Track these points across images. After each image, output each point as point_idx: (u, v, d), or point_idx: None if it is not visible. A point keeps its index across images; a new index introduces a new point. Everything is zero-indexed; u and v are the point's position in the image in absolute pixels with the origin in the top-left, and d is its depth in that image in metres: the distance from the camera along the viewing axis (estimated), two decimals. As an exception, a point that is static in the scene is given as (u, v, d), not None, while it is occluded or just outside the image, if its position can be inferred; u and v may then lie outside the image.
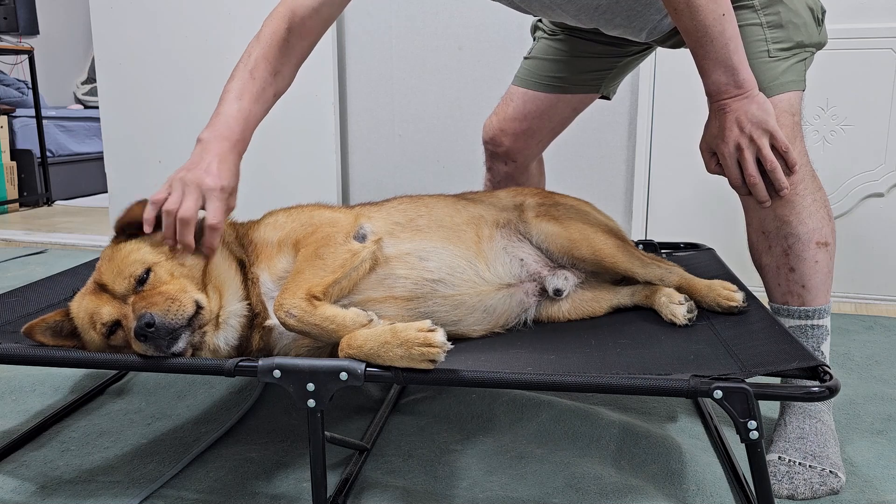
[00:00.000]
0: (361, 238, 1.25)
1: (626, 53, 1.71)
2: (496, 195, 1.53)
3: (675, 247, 1.94)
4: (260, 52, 1.36)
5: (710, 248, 1.90)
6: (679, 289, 1.37)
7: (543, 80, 1.77)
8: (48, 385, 1.77)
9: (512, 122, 1.82)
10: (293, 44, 1.39)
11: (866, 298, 2.51)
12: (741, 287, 1.38)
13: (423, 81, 2.98)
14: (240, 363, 1.07)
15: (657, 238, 2.20)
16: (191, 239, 1.18)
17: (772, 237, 1.38)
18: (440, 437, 1.50)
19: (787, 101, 1.35)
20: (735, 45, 1.24)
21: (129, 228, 1.23)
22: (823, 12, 1.44)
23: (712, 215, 2.56)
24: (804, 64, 1.41)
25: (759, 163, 1.30)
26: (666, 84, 2.59)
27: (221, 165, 1.23)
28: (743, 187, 1.34)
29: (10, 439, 1.48)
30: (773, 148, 1.29)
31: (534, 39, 1.83)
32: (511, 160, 1.86)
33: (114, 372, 1.79)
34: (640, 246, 1.74)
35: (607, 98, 1.84)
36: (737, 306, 1.32)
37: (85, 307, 1.16)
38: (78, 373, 1.83)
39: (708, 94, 1.30)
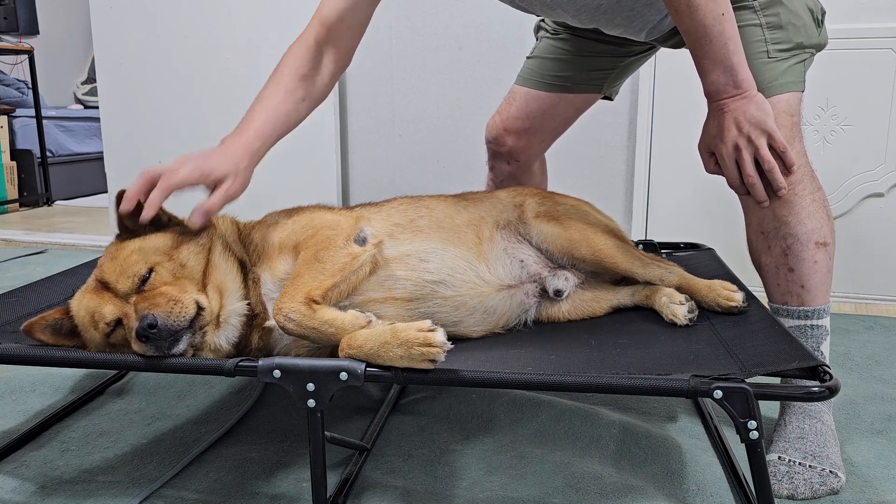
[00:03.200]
0: (362, 241, 1.25)
1: (628, 53, 1.71)
2: (496, 195, 1.53)
3: (675, 247, 1.94)
4: (285, 58, 1.44)
5: (710, 248, 1.90)
6: (679, 289, 1.37)
7: (546, 79, 1.77)
8: (48, 385, 1.77)
9: (515, 121, 1.82)
10: (323, 51, 1.45)
11: (866, 298, 2.51)
12: (741, 287, 1.38)
13: (423, 81, 2.98)
14: (240, 363, 1.07)
15: (657, 238, 2.20)
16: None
17: (771, 237, 1.38)
18: (440, 437, 1.50)
19: (785, 102, 1.35)
20: (734, 45, 1.24)
21: (129, 223, 1.23)
22: (823, 13, 1.44)
23: (712, 215, 2.56)
24: (804, 65, 1.41)
25: (758, 163, 1.30)
26: (666, 84, 2.59)
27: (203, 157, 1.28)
28: (741, 187, 1.34)
29: (10, 439, 1.48)
30: (772, 148, 1.29)
31: (537, 39, 1.84)
32: (514, 160, 1.86)
33: (114, 372, 1.79)
34: (640, 246, 1.74)
35: (609, 98, 1.84)
36: (737, 306, 1.32)
37: (86, 305, 1.16)
38: (78, 373, 1.83)
39: (707, 94, 1.30)
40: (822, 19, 1.44)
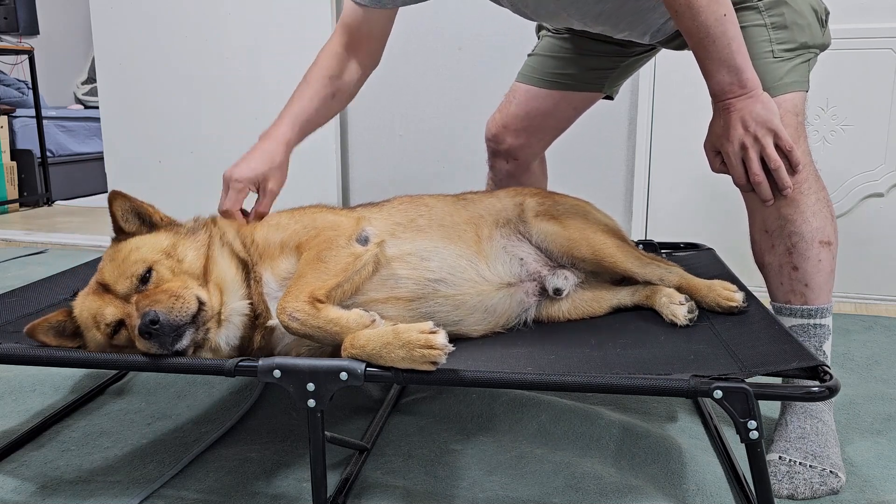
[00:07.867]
0: (364, 241, 1.25)
1: (630, 53, 1.71)
2: (496, 195, 1.53)
3: (675, 247, 1.94)
4: (314, 63, 1.60)
5: (710, 248, 1.89)
6: (679, 289, 1.37)
7: (547, 77, 1.77)
8: (48, 385, 1.77)
9: (514, 119, 1.82)
10: (349, 54, 1.63)
11: (866, 298, 2.50)
12: (741, 287, 1.38)
13: (423, 81, 2.98)
14: (240, 363, 1.07)
15: (657, 238, 2.20)
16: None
17: (775, 236, 1.38)
18: (440, 437, 1.50)
19: (790, 102, 1.36)
20: (738, 45, 1.24)
21: (123, 225, 1.25)
22: (827, 13, 1.45)
23: (712, 215, 2.56)
24: (808, 65, 1.41)
25: (764, 162, 1.30)
26: (666, 84, 2.59)
27: (247, 158, 1.44)
28: (747, 185, 1.34)
29: (10, 439, 1.48)
30: (777, 147, 1.29)
31: (538, 38, 1.84)
32: (513, 158, 1.86)
33: (114, 372, 1.79)
34: (640, 246, 1.74)
35: (610, 98, 1.84)
36: (737, 306, 1.32)
37: (88, 307, 1.16)
38: (78, 373, 1.83)
39: (712, 94, 1.31)
40: (826, 19, 1.44)
